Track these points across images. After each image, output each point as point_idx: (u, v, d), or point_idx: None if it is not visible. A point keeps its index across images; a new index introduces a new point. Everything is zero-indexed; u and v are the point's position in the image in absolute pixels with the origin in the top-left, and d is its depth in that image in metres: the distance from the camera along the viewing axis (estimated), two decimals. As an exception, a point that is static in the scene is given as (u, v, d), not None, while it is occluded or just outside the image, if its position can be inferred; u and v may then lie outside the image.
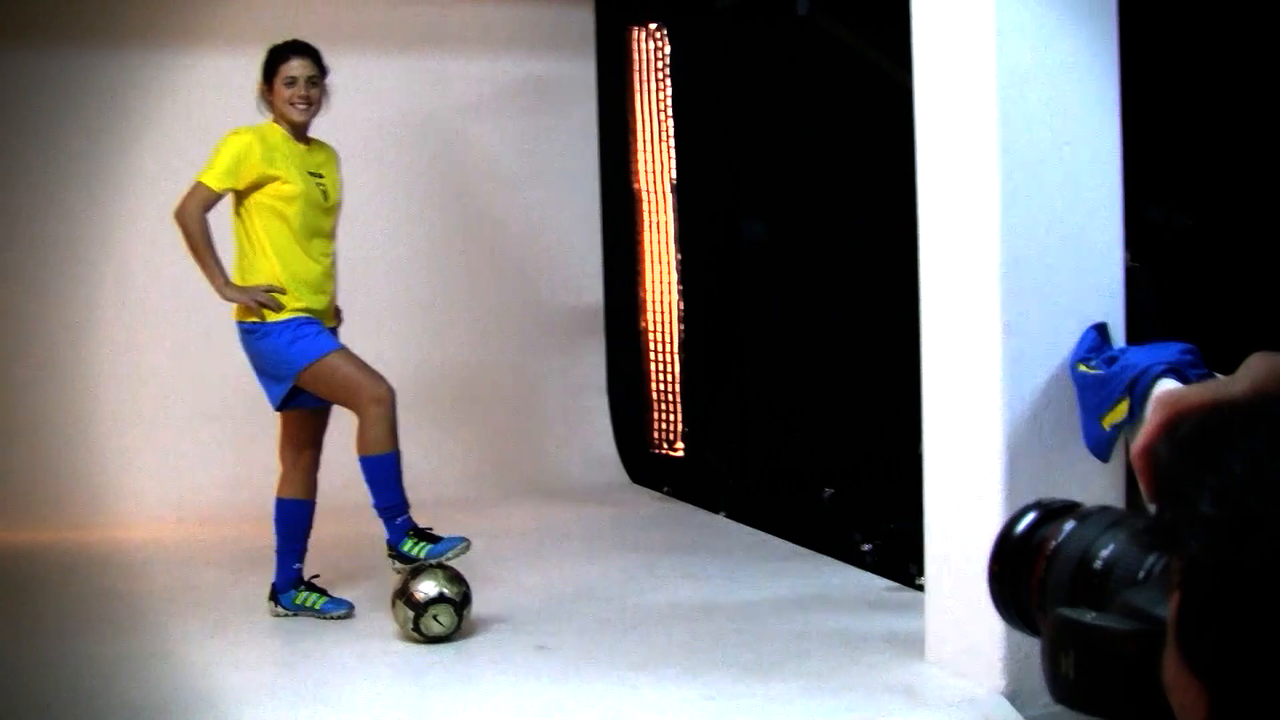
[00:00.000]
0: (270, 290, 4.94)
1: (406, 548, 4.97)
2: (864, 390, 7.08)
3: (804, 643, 4.75)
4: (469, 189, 7.99)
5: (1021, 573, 0.92)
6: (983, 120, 4.10)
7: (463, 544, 5.00)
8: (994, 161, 4.06)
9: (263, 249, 5.02)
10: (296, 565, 5.26)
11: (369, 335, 7.58)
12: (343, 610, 5.20)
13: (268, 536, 5.33)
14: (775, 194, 7.03)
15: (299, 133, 5.12)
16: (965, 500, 4.24)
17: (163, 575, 5.97)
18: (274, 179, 4.98)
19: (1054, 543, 0.89)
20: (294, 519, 5.26)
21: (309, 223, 5.08)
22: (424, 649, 4.76)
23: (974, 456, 4.19)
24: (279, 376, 5.07)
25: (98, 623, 5.22)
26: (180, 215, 4.96)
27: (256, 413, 7.07)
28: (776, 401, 7.18)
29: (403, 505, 5.05)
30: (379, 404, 5.03)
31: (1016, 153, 4.07)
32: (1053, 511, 0.92)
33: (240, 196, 4.99)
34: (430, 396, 7.75)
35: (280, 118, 5.10)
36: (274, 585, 5.25)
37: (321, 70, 5.15)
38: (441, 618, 4.81)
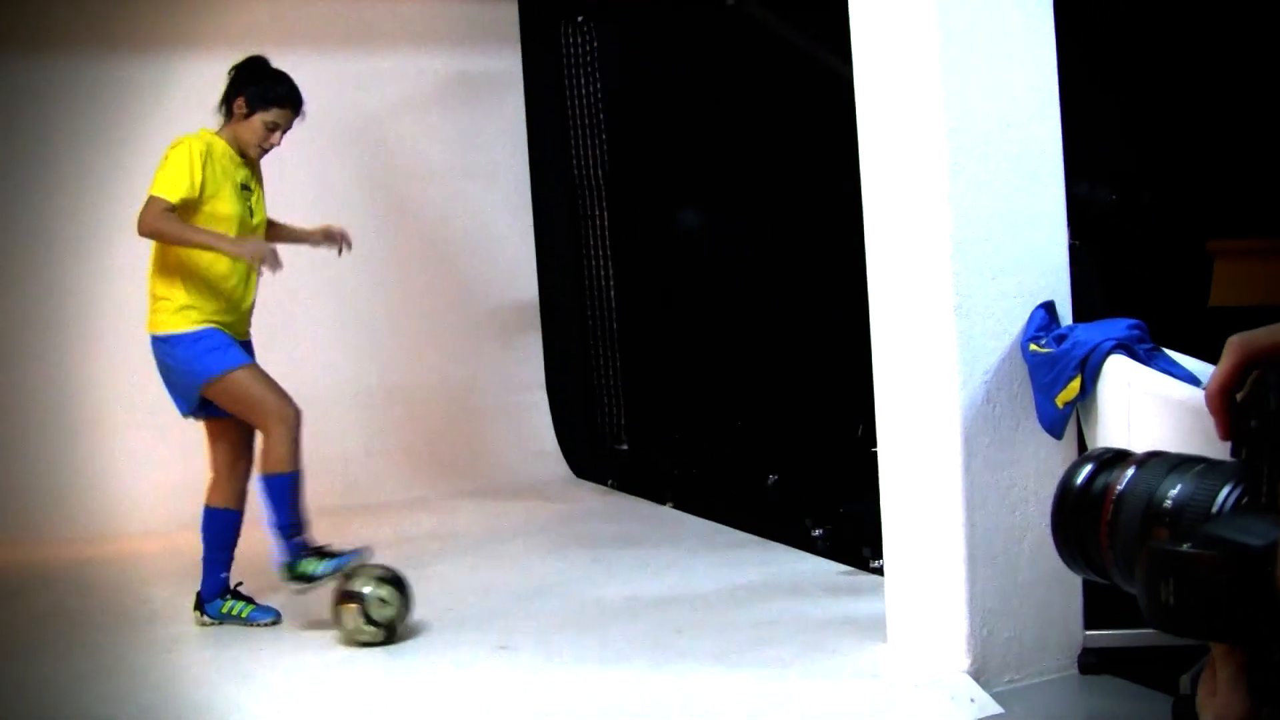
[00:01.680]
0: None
1: (303, 567, 4.97)
2: (803, 376, 7.11)
3: (765, 630, 4.77)
4: (399, 187, 7.95)
5: (1086, 520, 0.98)
6: (927, 104, 4.12)
7: (359, 555, 5.01)
8: (941, 144, 4.08)
9: (183, 256, 5.00)
10: (223, 574, 5.24)
11: (304, 338, 7.57)
12: (269, 618, 5.18)
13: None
14: (710, 183, 7.04)
15: (243, 154, 5.13)
16: (922, 482, 4.26)
17: (116, 590, 5.91)
18: (212, 196, 4.98)
19: (1119, 488, 0.95)
20: (222, 528, 5.24)
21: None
22: (384, 655, 4.74)
23: (930, 438, 4.22)
24: (186, 387, 5.06)
25: (52, 642, 5.14)
26: (145, 227, 4.89)
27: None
28: (717, 390, 7.20)
29: (300, 525, 5.03)
30: (283, 424, 5.02)
31: (961, 135, 4.09)
32: (1107, 461, 0.99)
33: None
34: (368, 398, 7.72)
35: (237, 139, 5.11)
36: (199, 594, 5.24)
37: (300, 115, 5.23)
38: (386, 596, 4.82)
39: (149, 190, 4.90)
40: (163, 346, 5.04)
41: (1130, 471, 0.95)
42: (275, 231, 5.41)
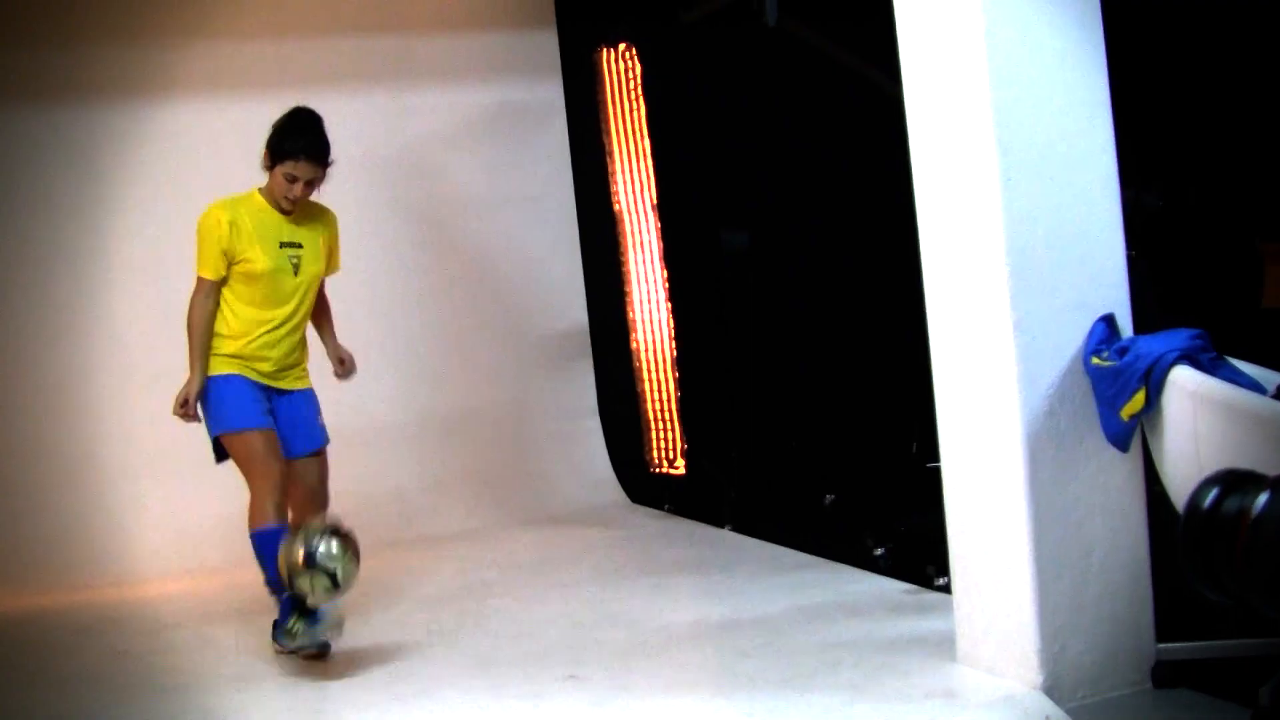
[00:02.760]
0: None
1: (290, 627, 5.03)
2: (856, 394, 7.09)
3: (833, 653, 4.75)
4: (444, 219, 7.98)
5: (1218, 544, 0.97)
6: (977, 119, 4.11)
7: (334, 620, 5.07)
8: (993, 161, 4.07)
9: (229, 303, 5.24)
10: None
11: (358, 372, 7.60)
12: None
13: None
14: (759, 203, 7.04)
15: (280, 208, 5.26)
16: (987, 499, 4.25)
17: (175, 630, 5.93)
18: (241, 257, 5.18)
19: (1255, 512, 0.94)
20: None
21: (272, 293, 5.25)
22: (455, 689, 4.73)
23: (993, 455, 4.20)
24: (209, 429, 5.31)
25: (121, 685, 5.17)
26: (189, 313, 5.22)
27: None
28: (773, 411, 7.19)
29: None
30: (266, 480, 5.17)
31: (1014, 151, 4.08)
32: (1234, 483, 0.97)
33: None
34: (421, 431, 7.74)
35: (270, 193, 5.26)
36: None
37: (325, 165, 5.25)
38: (328, 543, 4.87)
39: (196, 270, 5.22)
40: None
41: (1264, 496, 0.94)
42: (323, 329, 5.66)
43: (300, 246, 5.29)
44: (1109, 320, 4.18)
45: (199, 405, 5.23)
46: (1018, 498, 4.12)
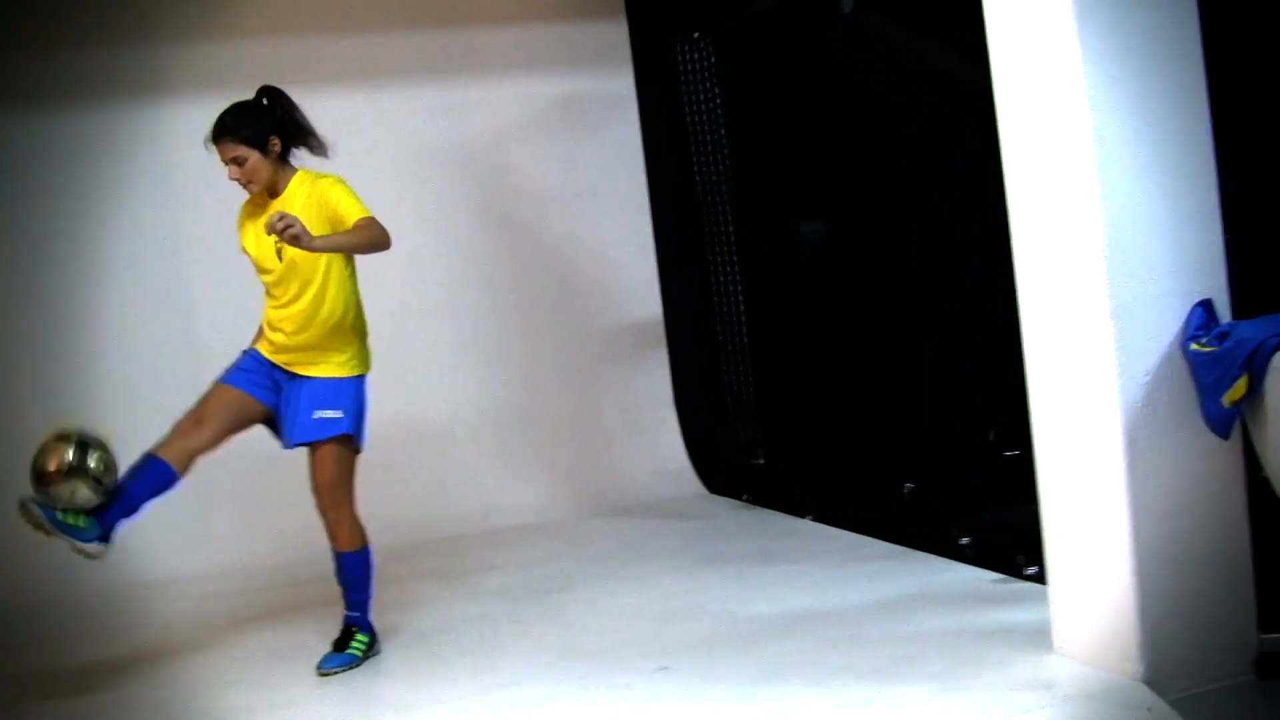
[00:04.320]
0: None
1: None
2: (933, 383, 7.04)
3: (923, 643, 4.71)
4: (517, 212, 7.98)
5: None
6: (1071, 104, 4.05)
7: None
8: (1089, 146, 4.01)
9: None
10: None
11: (429, 367, 7.63)
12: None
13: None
14: (837, 192, 6.98)
15: (270, 192, 5.13)
16: (1084, 488, 4.20)
17: (249, 623, 5.96)
18: (242, 248, 5.20)
19: None
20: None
21: (269, 277, 5.15)
22: (549, 680, 4.73)
23: (1091, 443, 4.15)
24: None
25: (195, 679, 5.20)
26: None
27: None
28: (850, 400, 7.14)
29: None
30: (184, 418, 5.16)
31: (1109, 135, 4.02)
32: None
33: None
34: (496, 424, 7.75)
35: None
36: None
37: (248, 141, 5.01)
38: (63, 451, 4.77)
39: None
40: None
41: None
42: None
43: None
44: (1207, 305, 4.11)
45: None
46: (1116, 486, 4.07)
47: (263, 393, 5.18)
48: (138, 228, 7.28)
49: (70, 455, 4.76)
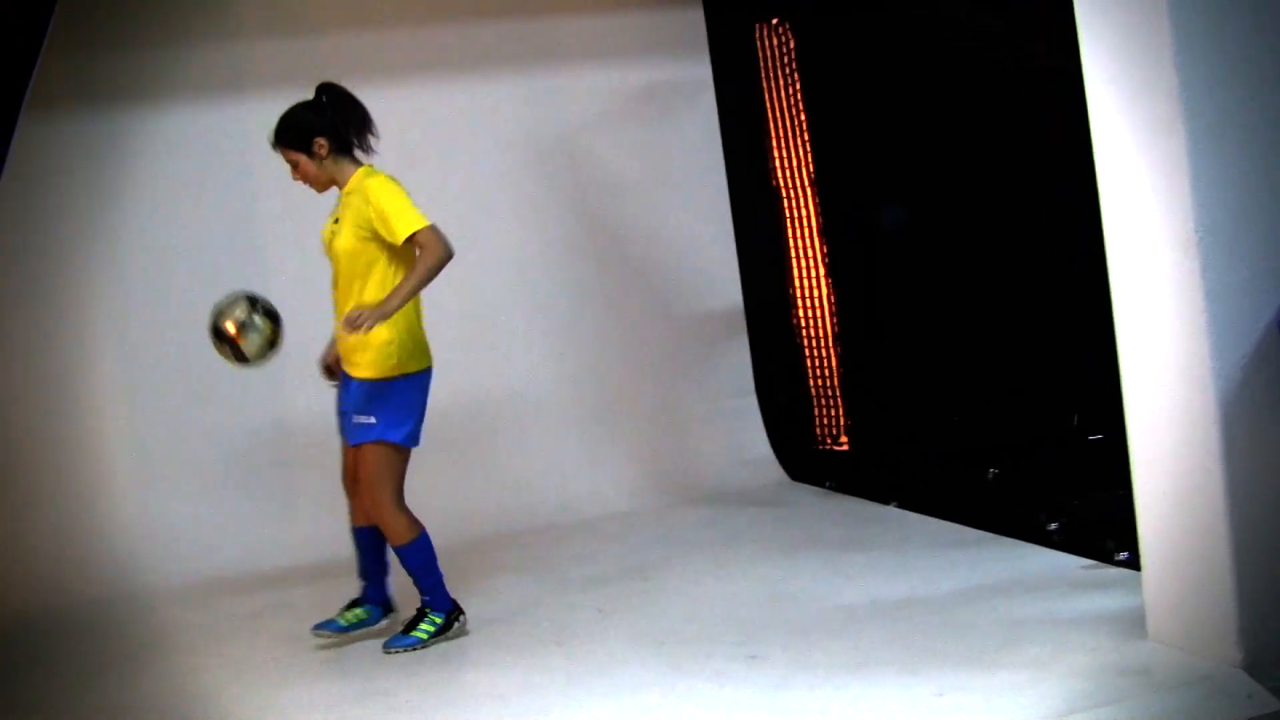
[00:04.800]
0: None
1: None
2: (1016, 368, 7.01)
3: (1016, 630, 4.69)
4: (594, 202, 7.98)
5: None
6: (1164, 87, 4.01)
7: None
8: (1180, 129, 3.98)
9: None
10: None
11: (512, 357, 7.65)
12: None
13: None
14: (920, 178, 6.96)
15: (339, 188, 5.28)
16: (1179, 473, 4.16)
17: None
18: None
19: None
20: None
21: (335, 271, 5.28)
22: (639, 667, 4.75)
23: (1186, 427, 4.11)
24: None
25: (286, 670, 5.26)
26: None
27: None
28: (933, 386, 7.12)
29: None
30: None
31: (1202, 116, 3.98)
32: None
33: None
34: (577, 414, 7.76)
35: None
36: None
37: (294, 146, 5.18)
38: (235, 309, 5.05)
39: None
40: None
41: None
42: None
43: (337, 222, 5.21)
44: (1303, 287, 4.07)
45: None
46: (1213, 470, 4.04)
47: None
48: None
49: (240, 311, 5.04)
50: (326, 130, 5.13)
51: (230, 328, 5.01)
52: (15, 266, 7.01)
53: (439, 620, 5.31)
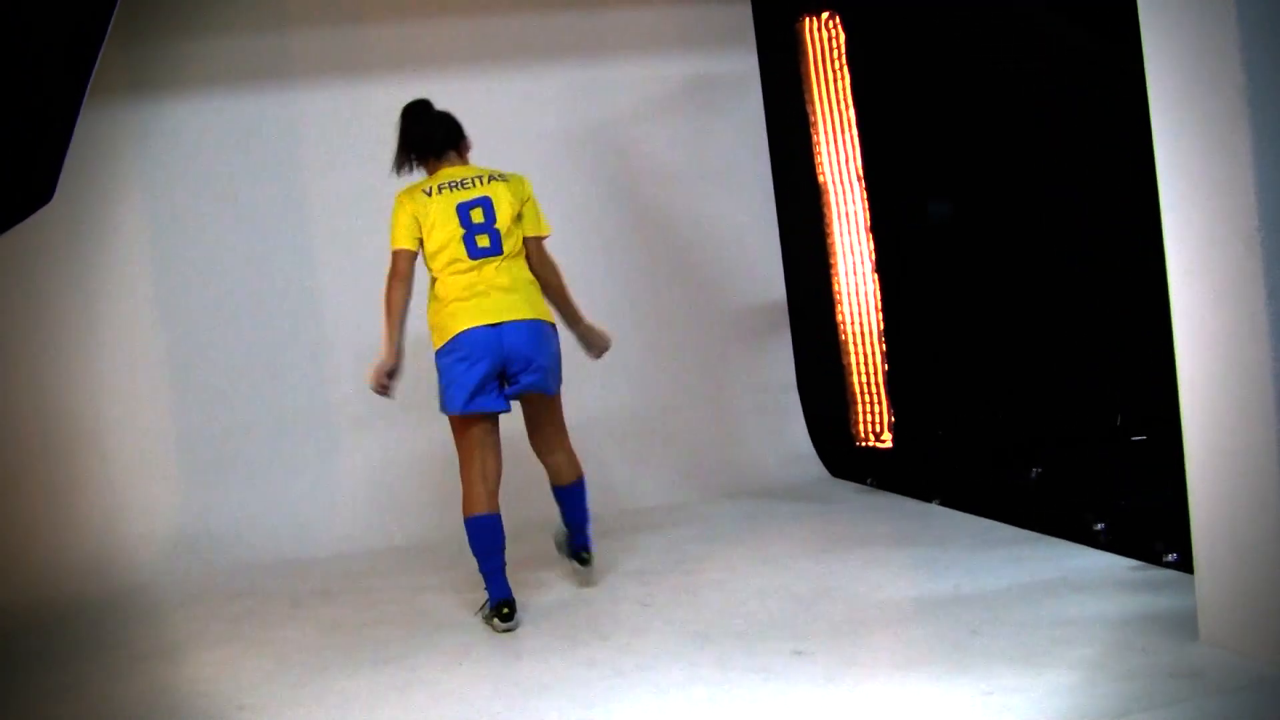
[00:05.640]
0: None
1: None
2: (1060, 367, 6.95)
3: (1065, 629, 4.64)
4: (639, 194, 7.97)
5: None
6: (1228, 79, 3.95)
7: None
8: (1245, 121, 3.92)
9: None
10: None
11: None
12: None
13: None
14: (969, 173, 6.91)
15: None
16: (1237, 474, 4.11)
17: (387, 605, 5.99)
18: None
19: None
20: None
21: None
22: (684, 662, 4.73)
23: (1243, 428, 4.06)
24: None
25: (334, 657, 5.25)
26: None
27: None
28: (978, 384, 7.07)
29: None
30: None
31: (1268, 109, 3.92)
32: None
33: None
34: (618, 407, 7.75)
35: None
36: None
37: (396, 169, 5.73)
38: None
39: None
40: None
41: None
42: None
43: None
44: (1365, 286, 4.01)
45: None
46: (1269, 471, 3.98)
47: None
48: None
49: None
50: (401, 153, 5.68)
51: None
52: (60, 255, 7.04)
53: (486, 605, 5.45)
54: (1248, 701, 3.92)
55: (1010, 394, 7.06)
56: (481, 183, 5.53)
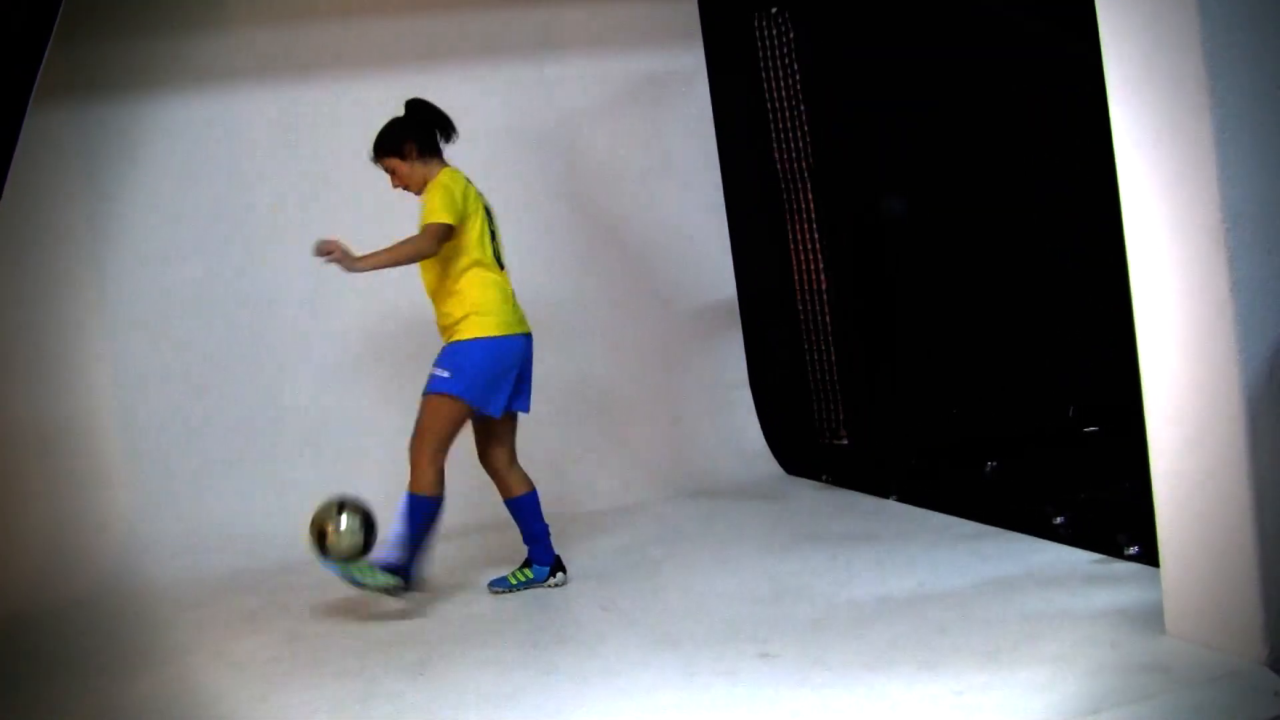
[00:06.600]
0: None
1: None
2: (1013, 360, 6.97)
3: (1033, 625, 4.63)
4: (587, 191, 7.91)
5: None
6: (1189, 69, 3.94)
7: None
8: (1206, 113, 3.91)
9: None
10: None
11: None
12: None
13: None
14: (920, 169, 6.89)
15: None
16: (1203, 466, 4.10)
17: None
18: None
19: None
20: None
21: None
22: (650, 669, 4.67)
23: (1209, 420, 4.05)
24: None
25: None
26: None
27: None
28: (932, 379, 7.06)
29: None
30: None
31: (1230, 101, 3.91)
32: None
33: None
34: (570, 405, 7.68)
35: None
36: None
37: (388, 153, 5.72)
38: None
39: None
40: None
41: None
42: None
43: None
44: (1330, 278, 4.01)
45: None
46: (1236, 464, 3.98)
47: None
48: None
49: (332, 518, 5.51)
50: (412, 134, 5.68)
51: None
52: (12, 258, 6.91)
53: (386, 577, 5.57)
54: (1217, 694, 3.92)
55: (965, 388, 7.06)
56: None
